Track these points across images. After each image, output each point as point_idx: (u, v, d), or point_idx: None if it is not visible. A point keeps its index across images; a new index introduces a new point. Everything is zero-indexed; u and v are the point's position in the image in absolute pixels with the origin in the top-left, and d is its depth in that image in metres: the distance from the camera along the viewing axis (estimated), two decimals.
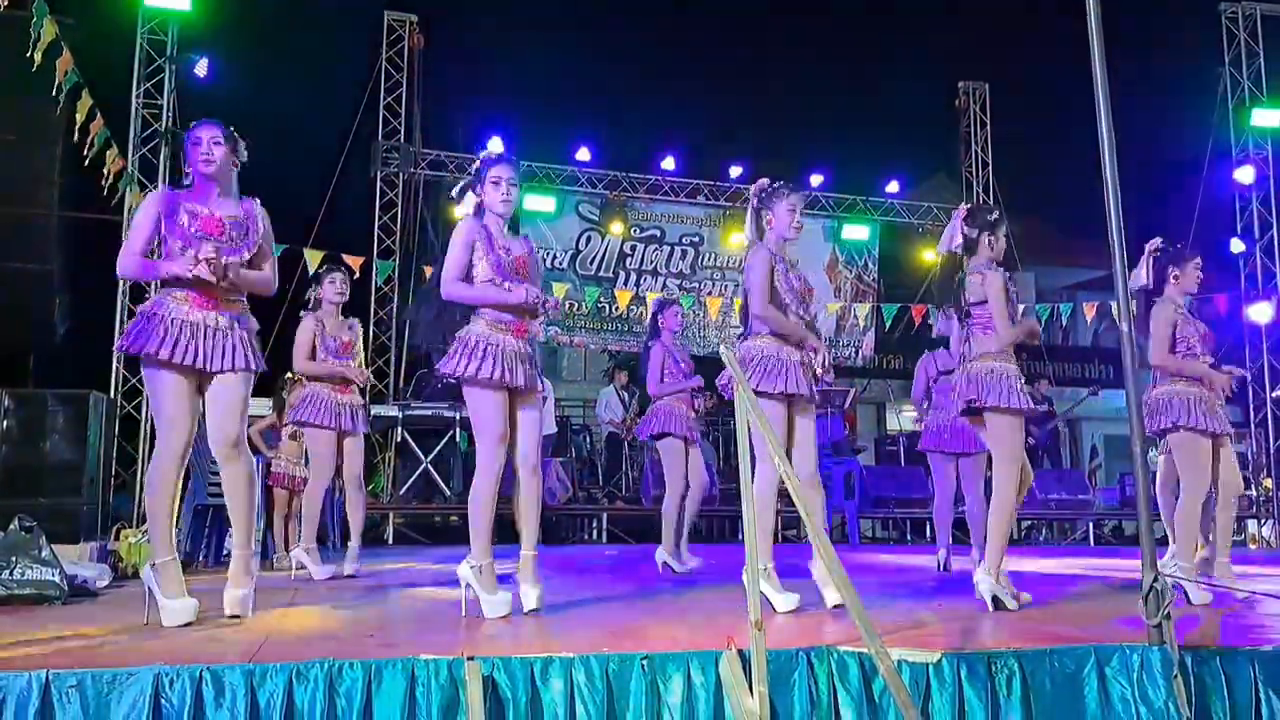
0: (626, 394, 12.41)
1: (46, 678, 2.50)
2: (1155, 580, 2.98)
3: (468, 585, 3.94)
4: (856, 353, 14.96)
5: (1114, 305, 4.10)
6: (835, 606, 4.03)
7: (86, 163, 8.56)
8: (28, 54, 7.12)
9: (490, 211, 4.12)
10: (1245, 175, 12.78)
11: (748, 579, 2.90)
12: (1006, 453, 4.38)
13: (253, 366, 3.84)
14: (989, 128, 15.27)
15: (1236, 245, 12.76)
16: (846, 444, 11.06)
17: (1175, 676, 2.92)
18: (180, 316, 3.74)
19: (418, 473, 10.41)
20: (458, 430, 10.37)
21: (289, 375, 6.68)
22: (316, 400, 5.79)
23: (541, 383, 4.18)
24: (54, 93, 7.59)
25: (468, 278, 4.03)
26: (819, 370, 4.43)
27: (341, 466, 5.92)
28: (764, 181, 4.52)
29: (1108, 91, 3.20)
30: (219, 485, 4.75)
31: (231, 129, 3.93)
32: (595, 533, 10.95)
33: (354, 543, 5.92)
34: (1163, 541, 4.97)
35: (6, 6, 7.52)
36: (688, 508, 6.39)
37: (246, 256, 3.88)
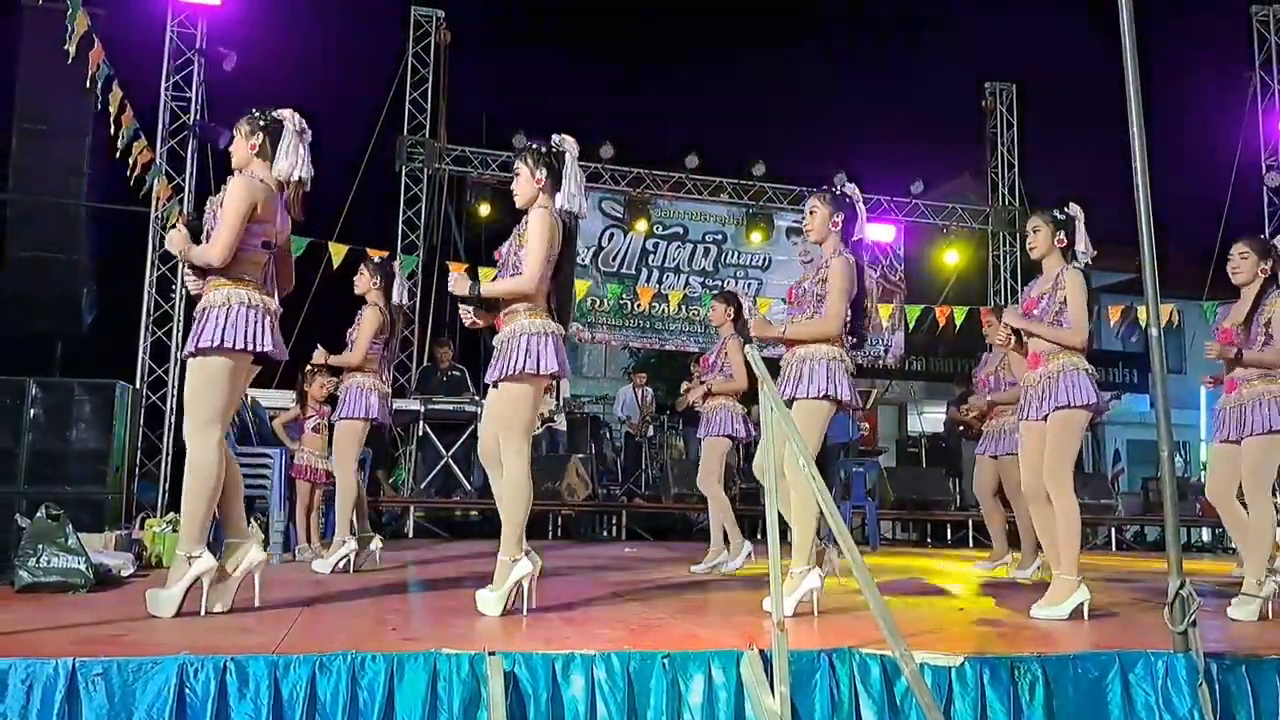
0: (642, 394, 12.47)
1: (73, 665, 2.52)
2: (1181, 587, 2.96)
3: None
4: (886, 352, 14.86)
5: (1140, 309, 4.06)
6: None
7: (118, 155, 8.63)
8: (64, 46, 7.18)
9: None
10: (1275, 179, 12.66)
11: (771, 578, 2.90)
12: None
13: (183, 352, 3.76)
14: (1015, 128, 15.16)
15: None
16: (855, 445, 10.90)
17: (1200, 684, 2.90)
18: None
19: (438, 467, 10.44)
20: (479, 425, 10.39)
21: (309, 367, 6.70)
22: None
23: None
24: (88, 85, 7.66)
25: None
26: None
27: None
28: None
29: (1139, 94, 3.16)
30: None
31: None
32: (615, 530, 10.95)
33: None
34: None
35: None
36: None
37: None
